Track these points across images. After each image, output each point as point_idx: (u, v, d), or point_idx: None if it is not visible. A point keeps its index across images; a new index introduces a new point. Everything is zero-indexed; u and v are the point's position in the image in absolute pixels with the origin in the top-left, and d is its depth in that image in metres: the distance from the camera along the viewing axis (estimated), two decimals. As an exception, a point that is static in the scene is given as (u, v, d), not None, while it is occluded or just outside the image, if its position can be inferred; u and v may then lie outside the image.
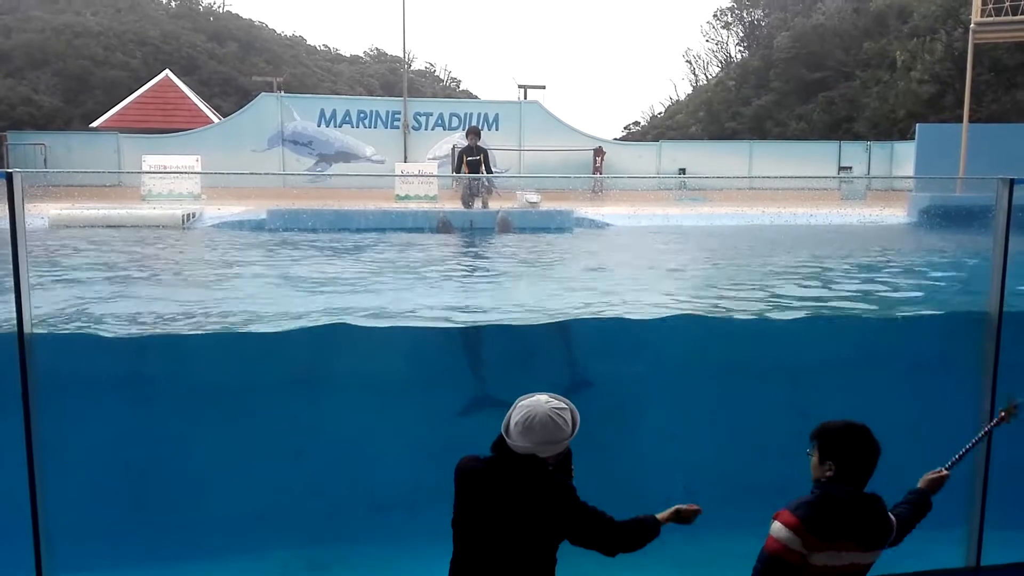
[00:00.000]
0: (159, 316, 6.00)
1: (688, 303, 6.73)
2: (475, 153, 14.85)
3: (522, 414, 2.96)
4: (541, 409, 2.95)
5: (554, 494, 2.99)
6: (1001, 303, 4.73)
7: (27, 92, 41.48)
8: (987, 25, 21.34)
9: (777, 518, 2.98)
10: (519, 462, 2.97)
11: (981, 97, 33.70)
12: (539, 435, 2.92)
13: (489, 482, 3.00)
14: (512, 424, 2.96)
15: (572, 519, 3.01)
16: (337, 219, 12.66)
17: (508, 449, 2.99)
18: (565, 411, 3.01)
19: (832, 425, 3.12)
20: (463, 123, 32.19)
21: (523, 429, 2.93)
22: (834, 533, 2.93)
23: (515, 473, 2.98)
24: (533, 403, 2.99)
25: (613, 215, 14.75)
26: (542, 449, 2.95)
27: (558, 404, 3.01)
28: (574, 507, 3.02)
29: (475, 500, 3.02)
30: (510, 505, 2.96)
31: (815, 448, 3.11)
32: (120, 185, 23.83)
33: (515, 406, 3.02)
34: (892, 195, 21.11)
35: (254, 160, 30.79)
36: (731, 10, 62.05)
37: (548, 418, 2.94)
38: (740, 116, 48.25)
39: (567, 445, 3.03)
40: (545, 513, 2.97)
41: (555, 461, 3.04)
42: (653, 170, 33.16)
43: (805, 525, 2.91)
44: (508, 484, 2.97)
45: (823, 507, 2.96)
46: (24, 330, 4.04)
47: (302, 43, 69.25)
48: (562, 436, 2.96)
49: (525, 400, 3.02)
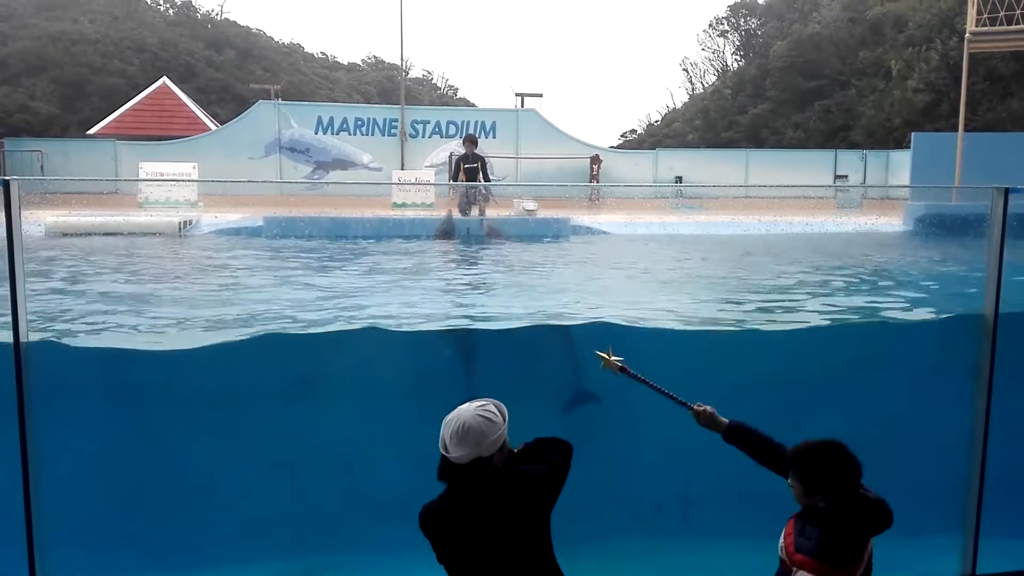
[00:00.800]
0: (153, 325, 6.00)
1: (679, 313, 6.74)
2: (472, 161, 14.87)
3: (452, 427, 3.01)
4: (468, 414, 3.02)
5: (514, 482, 3.05)
6: (996, 311, 4.75)
7: (24, 99, 41.51)
8: (982, 35, 21.43)
9: (803, 567, 2.92)
10: (469, 472, 3.00)
11: (976, 106, 33.86)
12: (475, 437, 2.97)
13: (455, 510, 3.03)
14: (448, 440, 3.00)
15: (541, 491, 3.08)
16: (334, 227, 12.67)
17: (454, 467, 3.02)
18: (488, 408, 3.07)
19: (808, 453, 3.03)
20: (460, 131, 32.24)
21: (459, 439, 2.98)
22: (861, 548, 2.94)
23: (471, 485, 3.02)
24: (458, 413, 3.05)
25: (610, 223, 14.78)
26: (482, 449, 2.99)
27: (481, 403, 3.08)
28: (536, 482, 3.08)
29: (451, 537, 3.04)
30: (482, 517, 2.99)
31: (795, 478, 3.04)
32: (117, 192, 23.81)
33: (443, 424, 3.07)
34: (888, 203, 21.14)
35: (251, 168, 30.79)
36: (727, 19, 62.33)
37: (477, 418, 3.00)
38: (736, 124, 48.41)
39: (504, 438, 3.07)
40: (517, 503, 3.02)
41: (501, 458, 3.07)
42: (650, 178, 33.24)
43: (838, 567, 2.89)
44: (470, 499, 3.01)
45: (844, 539, 2.92)
46: (20, 339, 4.04)
47: (300, 51, 69.36)
48: (496, 430, 3.01)
49: (450, 415, 3.08)
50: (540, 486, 3.10)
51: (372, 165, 32.10)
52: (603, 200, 18.72)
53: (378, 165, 31.95)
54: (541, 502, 3.09)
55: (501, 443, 3.05)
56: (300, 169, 31.86)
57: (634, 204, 16.88)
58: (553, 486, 3.13)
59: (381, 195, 22.81)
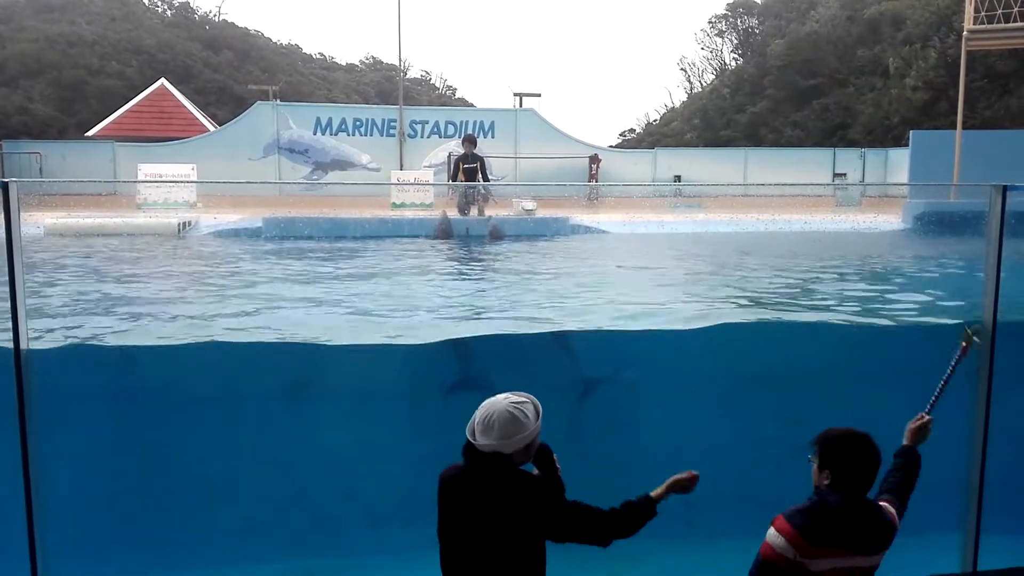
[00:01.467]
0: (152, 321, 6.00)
1: (680, 311, 6.74)
2: (471, 161, 14.88)
3: (482, 413, 2.99)
4: (500, 406, 2.98)
5: (523, 491, 2.99)
6: (995, 309, 4.74)
7: (22, 101, 41.46)
8: (980, 32, 21.43)
9: (773, 524, 3.00)
10: (485, 461, 2.98)
11: (975, 103, 33.85)
12: (499, 431, 2.93)
13: (461, 487, 3.03)
14: (476, 425, 2.99)
15: (546, 515, 3.01)
16: (333, 227, 12.68)
17: (475, 451, 3.00)
18: (526, 404, 3.02)
19: (833, 433, 3.12)
20: (459, 131, 32.22)
21: (484, 427, 2.96)
22: (827, 539, 2.94)
23: (482, 474, 2.99)
24: (493, 401, 3.02)
25: (609, 222, 14.79)
26: (504, 445, 2.94)
27: (518, 399, 3.02)
28: (546, 503, 3.02)
29: (450, 506, 3.05)
30: (480, 506, 2.98)
31: (815, 455, 3.12)
32: (116, 194, 23.76)
33: (479, 408, 3.04)
34: (886, 202, 21.15)
35: (250, 169, 30.77)
36: (725, 17, 62.28)
37: (507, 412, 2.95)
38: (735, 123, 48.39)
39: (531, 439, 3.01)
40: (515, 511, 2.97)
41: (526, 459, 3.05)
42: (648, 177, 33.22)
43: (799, 532, 2.93)
44: (477, 486, 2.99)
45: (817, 515, 2.97)
46: (20, 344, 4.03)
47: (298, 51, 69.33)
48: (523, 429, 2.96)
49: (487, 401, 3.05)
50: (545, 507, 3.01)
51: (371, 165, 32.08)
52: (602, 200, 18.74)
53: (377, 165, 31.94)
54: (539, 520, 3.01)
55: (527, 443, 3.00)
56: (299, 170, 31.84)
57: (633, 203, 16.91)
58: (560, 520, 3.03)
59: (380, 195, 22.80)
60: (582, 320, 6.46)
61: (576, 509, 3.07)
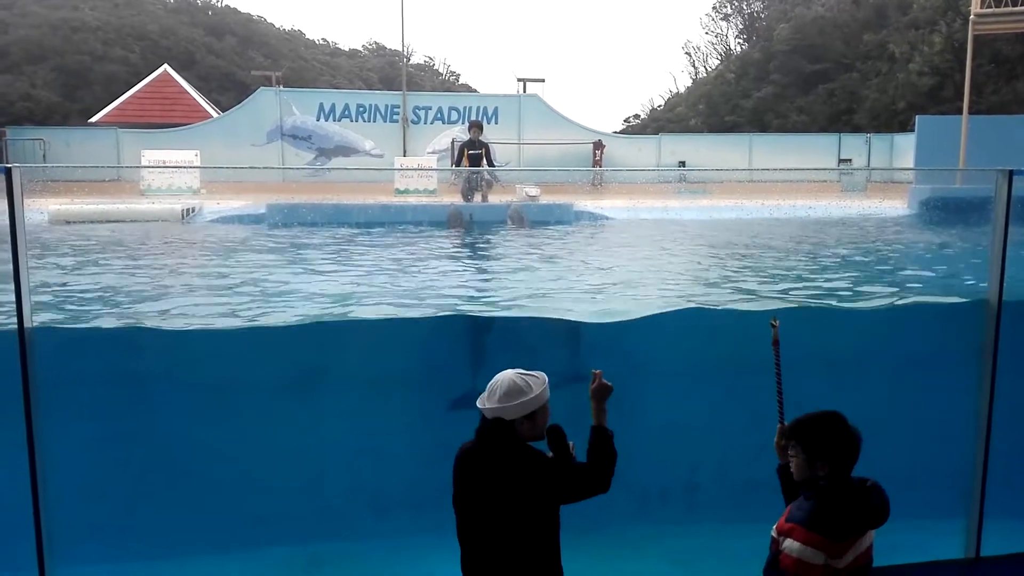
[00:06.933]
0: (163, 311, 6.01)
1: (685, 296, 6.73)
2: (476, 147, 14.83)
3: (493, 381, 3.15)
4: (507, 374, 3.15)
5: (527, 468, 3.09)
6: (1000, 293, 4.73)
7: (25, 87, 41.42)
8: (987, 16, 21.28)
9: (790, 535, 2.89)
10: (490, 430, 3.12)
11: (981, 88, 33.66)
12: (500, 395, 3.08)
13: (471, 460, 3.17)
14: (485, 391, 3.15)
15: (550, 491, 3.11)
16: (336, 213, 12.66)
17: (483, 420, 3.16)
18: (532, 377, 3.16)
19: (812, 422, 3.03)
20: (462, 117, 32.13)
21: (489, 392, 3.12)
22: (849, 531, 2.89)
23: (489, 446, 3.13)
24: (503, 372, 3.18)
25: (613, 208, 14.75)
26: (506, 410, 3.07)
27: (526, 372, 3.18)
28: (549, 482, 3.10)
29: (461, 478, 3.19)
30: (486, 479, 3.10)
31: (798, 449, 3.02)
32: (119, 180, 23.80)
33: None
34: (892, 187, 21.06)
35: (253, 155, 30.74)
36: (730, 2, 61.96)
37: (511, 380, 3.11)
38: (740, 108, 48.16)
39: (534, 408, 3.10)
40: (519, 485, 3.07)
41: (532, 431, 3.13)
42: (653, 163, 33.10)
43: (825, 538, 2.84)
44: (484, 459, 3.13)
45: (836, 512, 2.88)
46: (24, 324, 4.04)
47: (301, 37, 69.11)
48: (523, 395, 3.07)
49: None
50: (546, 474, 3.10)
51: (374, 151, 32.02)
52: (606, 185, 18.70)
53: (380, 151, 31.86)
54: (542, 489, 3.09)
55: (529, 412, 3.10)
56: (302, 156, 31.79)
57: (637, 189, 16.86)
58: (563, 485, 3.12)
59: (383, 181, 22.76)
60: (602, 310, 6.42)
61: (574, 475, 3.16)
